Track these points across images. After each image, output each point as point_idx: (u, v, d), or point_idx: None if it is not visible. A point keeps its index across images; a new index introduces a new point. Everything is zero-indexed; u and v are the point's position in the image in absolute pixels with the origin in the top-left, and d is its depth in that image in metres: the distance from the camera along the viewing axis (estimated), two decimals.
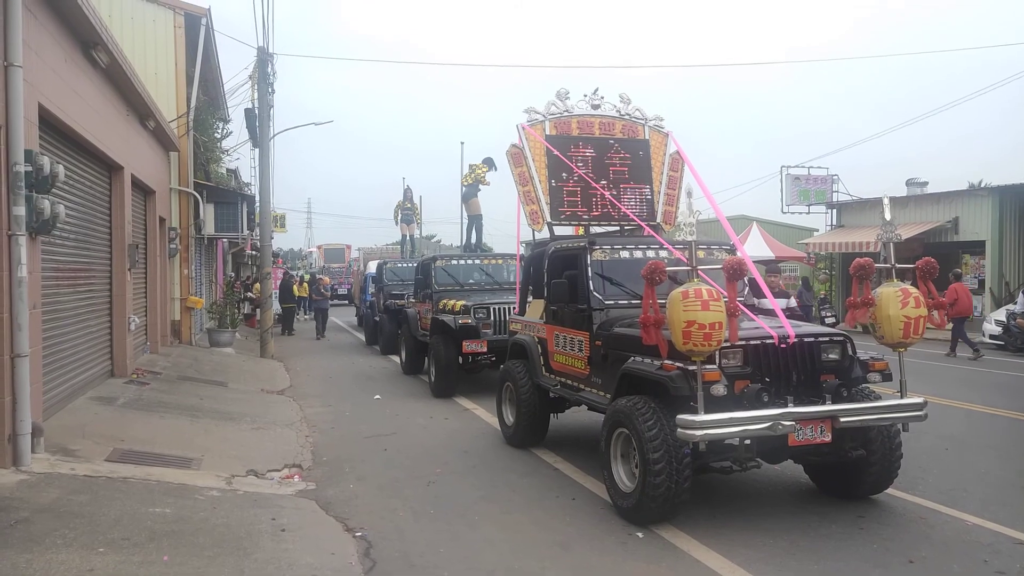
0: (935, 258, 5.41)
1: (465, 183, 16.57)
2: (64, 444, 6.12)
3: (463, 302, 10.46)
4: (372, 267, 19.86)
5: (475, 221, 16.07)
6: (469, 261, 12.54)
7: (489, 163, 15.88)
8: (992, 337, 16.20)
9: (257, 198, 17.55)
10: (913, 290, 5.19)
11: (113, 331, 9.59)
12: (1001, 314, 16.17)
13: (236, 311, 17.38)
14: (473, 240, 15.84)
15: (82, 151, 8.44)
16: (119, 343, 9.63)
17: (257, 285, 18.60)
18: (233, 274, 28.03)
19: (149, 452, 6.36)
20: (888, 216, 5.54)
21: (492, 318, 10.18)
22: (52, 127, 7.23)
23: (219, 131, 19.35)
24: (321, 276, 26.66)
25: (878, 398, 5.26)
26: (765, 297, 6.64)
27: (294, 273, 31.56)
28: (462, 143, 15.16)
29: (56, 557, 4.01)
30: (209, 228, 16.00)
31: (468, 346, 9.99)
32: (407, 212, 21.19)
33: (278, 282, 21.74)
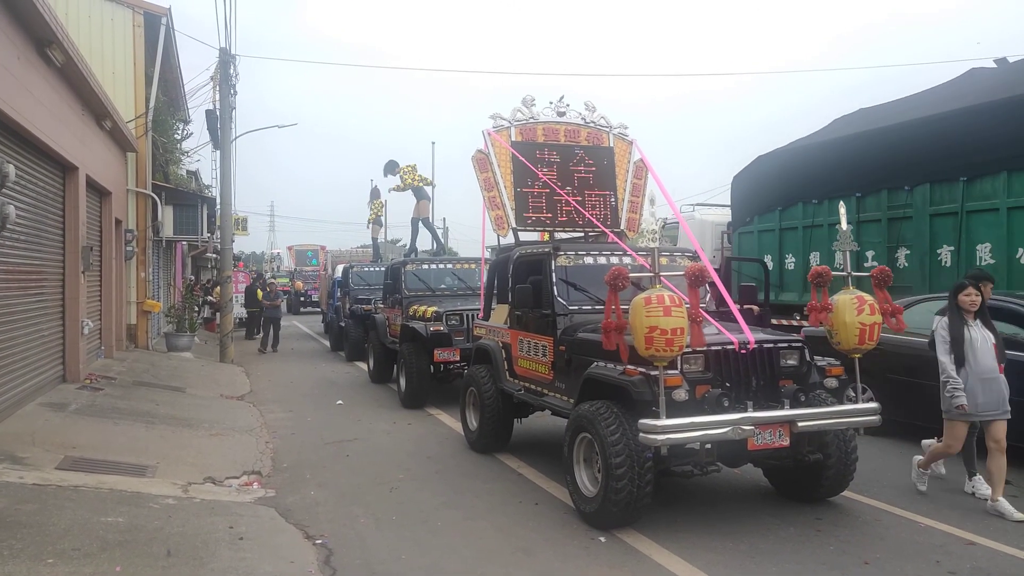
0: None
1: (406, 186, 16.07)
2: (12, 452, 5.93)
3: (435, 308, 10.09)
4: (339, 271, 19.53)
5: (426, 223, 15.92)
6: (441, 265, 12.25)
7: (390, 167, 15.78)
8: None
9: (218, 200, 17.25)
10: (868, 297, 5.31)
11: (66, 335, 9.33)
12: None
13: (195, 315, 17.02)
14: (421, 247, 15.68)
15: (35, 151, 8.22)
16: (72, 347, 9.36)
17: (217, 289, 18.25)
18: (193, 277, 27.44)
19: (102, 460, 6.19)
20: (844, 225, 5.65)
21: (465, 325, 9.75)
22: (3, 126, 7.04)
23: (179, 132, 19.01)
24: (272, 279, 22.94)
25: (834, 403, 5.37)
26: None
27: (268, 275, 30.54)
28: (433, 143, 14.99)
29: (2, 569, 3.87)
30: (168, 231, 15.70)
31: (440, 355, 9.64)
32: (375, 215, 20.95)
33: (240, 285, 21.31)
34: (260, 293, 18.79)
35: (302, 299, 33.14)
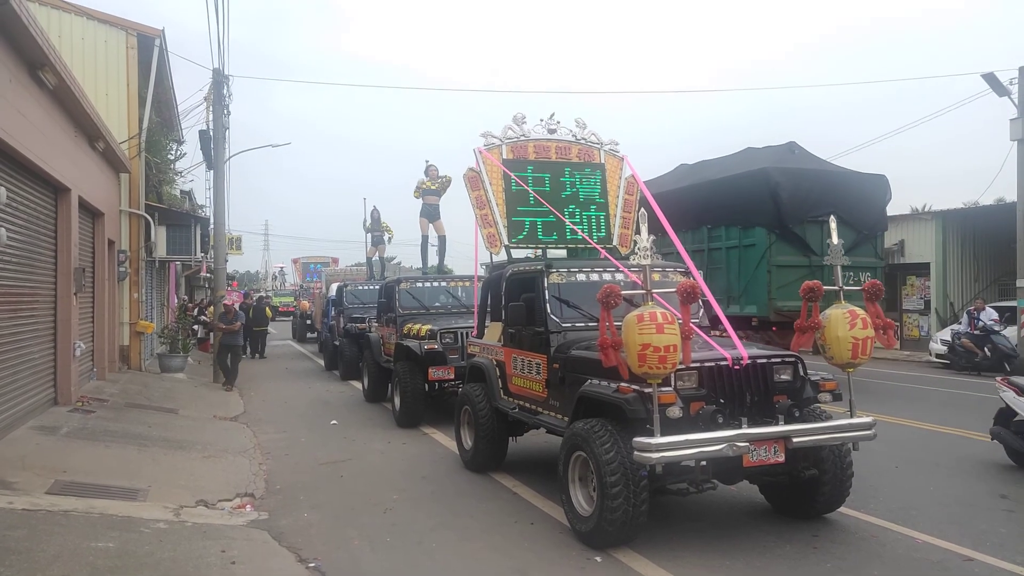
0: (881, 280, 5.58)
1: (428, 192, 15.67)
2: (2, 476, 5.86)
3: (429, 326, 10.08)
4: (333, 290, 19.40)
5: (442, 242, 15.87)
6: (435, 283, 12.20)
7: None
8: (938, 356, 16.70)
9: (211, 220, 17.23)
10: (861, 311, 5.31)
11: (57, 357, 9.27)
12: (946, 334, 16.68)
13: (188, 336, 16.90)
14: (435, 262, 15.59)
15: (27, 173, 8.20)
16: (63, 370, 9.30)
17: (211, 308, 18.13)
18: (187, 297, 27.30)
19: (93, 483, 6.13)
20: (835, 239, 5.67)
21: (459, 343, 9.70)
22: None
23: (172, 152, 19.03)
24: (228, 300, 16.14)
25: (829, 418, 5.36)
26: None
27: (265, 294, 29.88)
28: (427, 161, 14.77)
29: None
30: (161, 251, 15.63)
31: (434, 373, 9.62)
32: (376, 235, 21.01)
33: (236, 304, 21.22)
34: (268, 311, 17.26)
35: (308, 322, 26.15)
